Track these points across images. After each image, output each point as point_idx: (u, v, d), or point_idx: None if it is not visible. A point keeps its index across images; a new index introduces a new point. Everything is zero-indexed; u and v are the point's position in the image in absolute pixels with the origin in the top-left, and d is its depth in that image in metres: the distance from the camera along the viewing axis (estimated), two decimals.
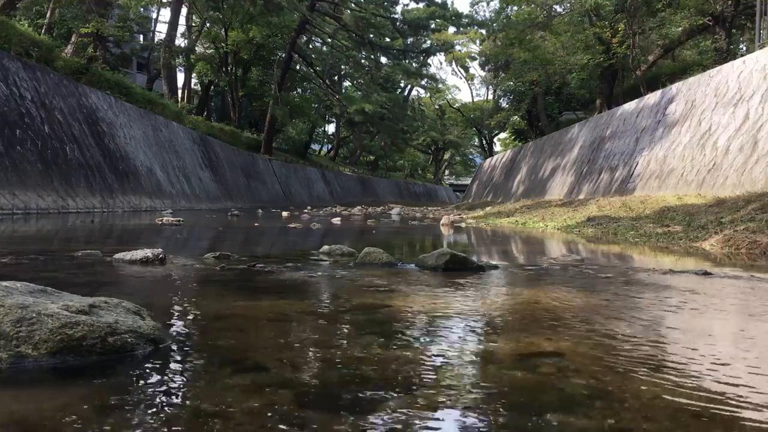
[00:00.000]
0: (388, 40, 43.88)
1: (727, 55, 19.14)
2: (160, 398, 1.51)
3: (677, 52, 26.86)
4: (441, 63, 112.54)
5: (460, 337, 2.26)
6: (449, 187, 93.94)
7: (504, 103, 45.34)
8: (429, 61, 54.22)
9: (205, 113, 39.39)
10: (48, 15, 23.62)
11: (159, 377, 1.69)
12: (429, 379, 1.71)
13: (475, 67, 64.65)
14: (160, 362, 1.83)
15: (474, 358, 1.98)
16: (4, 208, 12.47)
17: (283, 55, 40.59)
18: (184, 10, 36.49)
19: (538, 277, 4.17)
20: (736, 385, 1.69)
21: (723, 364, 1.93)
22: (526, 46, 27.46)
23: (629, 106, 18.86)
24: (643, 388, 1.64)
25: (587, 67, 25.13)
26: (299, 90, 51.70)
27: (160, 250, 4.52)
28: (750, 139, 11.11)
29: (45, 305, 1.84)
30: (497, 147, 61.29)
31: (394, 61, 46.42)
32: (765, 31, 14.31)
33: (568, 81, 29.41)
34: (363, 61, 46.69)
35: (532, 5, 27.63)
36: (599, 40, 23.79)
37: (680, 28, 22.88)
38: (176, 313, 2.67)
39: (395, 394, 1.56)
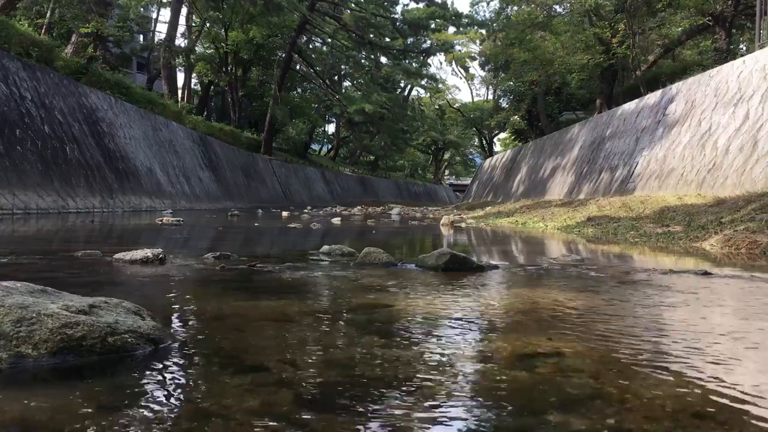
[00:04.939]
0: (388, 40, 43.81)
1: (727, 55, 19.14)
2: (160, 398, 1.51)
3: (677, 52, 26.87)
4: (441, 63, 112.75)
5: (460, 337, 2.26)
6: (449, 187, 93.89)
7: (504, 103, 45.32)
8: (429, 61, 54.20)
9: (205, 113, 39.38)
10: (48, 15, 23.62)
11: (159, 377, 1.69)
12: (429, 379, 1.71)
13: (475, 67, 64.77)
14: (160, 362, 1.83)
15: (474, 357, 1.98)
16: (4, 208, 12.46)
17: (283, 55, 40.59)
18: (184, 10, 36.51)
19: (538, 277, 4.17)
20: (737, 385, 1.69)
21: (723, 364, 1.93)
22: (526, 46, 27.47)
23: (629, 106, 18.85)
24: (644, 388, 1.64)
25: (587, 67, 25.13)
26: (299, 90, 51.71)
27: (160, 250, 4.52)
28: (750, 139, 11.11)
29: (45, 305, 1.84)
30: (497, 147, 61.28)
31: (394, 61, 46.37)
32: (765, 31, 14.29)
33: (568, 81, 29.42)
34: (363, 61, 46.66)
35: (532, 5, 27.63)
36: (599, 40, 23.79)
37: (680, 28, 22.88)
38: (176, 313, 2.67)
39: (395, 394, 1.56)
